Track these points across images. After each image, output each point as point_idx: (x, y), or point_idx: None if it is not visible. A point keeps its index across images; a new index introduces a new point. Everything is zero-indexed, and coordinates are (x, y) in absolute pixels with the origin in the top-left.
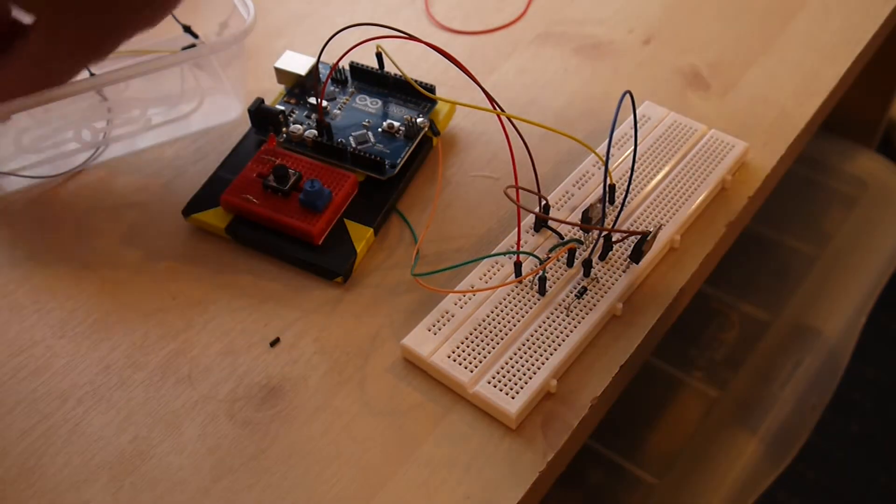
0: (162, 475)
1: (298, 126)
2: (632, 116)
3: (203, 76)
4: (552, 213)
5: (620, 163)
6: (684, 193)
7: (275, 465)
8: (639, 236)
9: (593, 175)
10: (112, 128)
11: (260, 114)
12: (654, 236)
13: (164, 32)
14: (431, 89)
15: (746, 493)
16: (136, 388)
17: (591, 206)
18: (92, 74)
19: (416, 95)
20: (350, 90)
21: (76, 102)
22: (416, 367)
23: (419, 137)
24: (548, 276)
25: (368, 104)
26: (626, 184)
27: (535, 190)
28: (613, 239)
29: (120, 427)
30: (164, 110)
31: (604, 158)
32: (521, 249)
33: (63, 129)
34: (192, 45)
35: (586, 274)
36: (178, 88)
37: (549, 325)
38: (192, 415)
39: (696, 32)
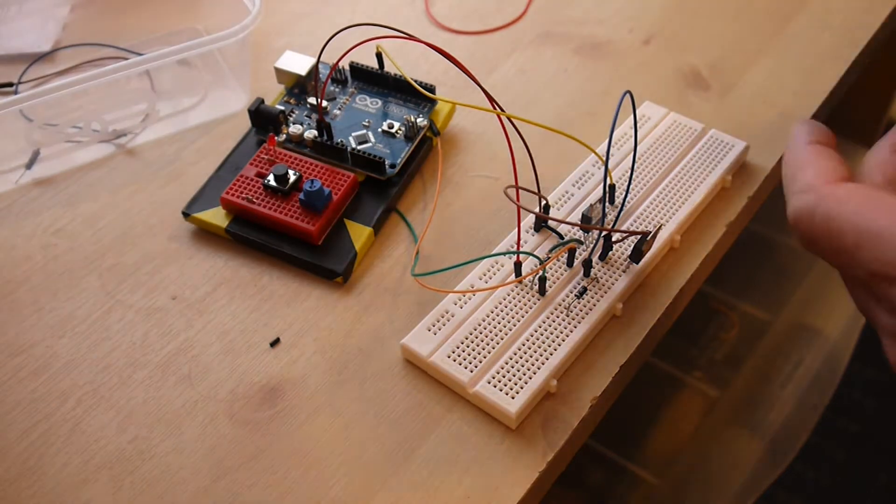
0: (162, 475)
1: (298, 126)
2: (632, 116)
3: (208, 68)
4: (552, 213)
5: (620, 163)
6: (684, 193)
7: (275, 465)
8: (639, 236)
9: (593, 175)
10: (119, 120)
11: (260, 114)
12: (654, 236)
13: (165, 27)
14: (431, 89)
15: (746, 493)
16: (136, 388)
17: (591, 206)
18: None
19: (416, 95)
20: (350, 90)
21: (85, 95)
22: (416, 367)
23: (419, 137)
24: (548, 276)
25: (368, 104)
26: (626, 184)
27: (535, 190)
28: (613, 239)
29: (120, 427)
30: (170, 102)
31: (604, 158)
32: (521, 249)
33: (72, 122)
34: None
35: (586, 274)
36: (184, 81)
37: (549, 325)
38: (192, 415)
39: (696, 32)
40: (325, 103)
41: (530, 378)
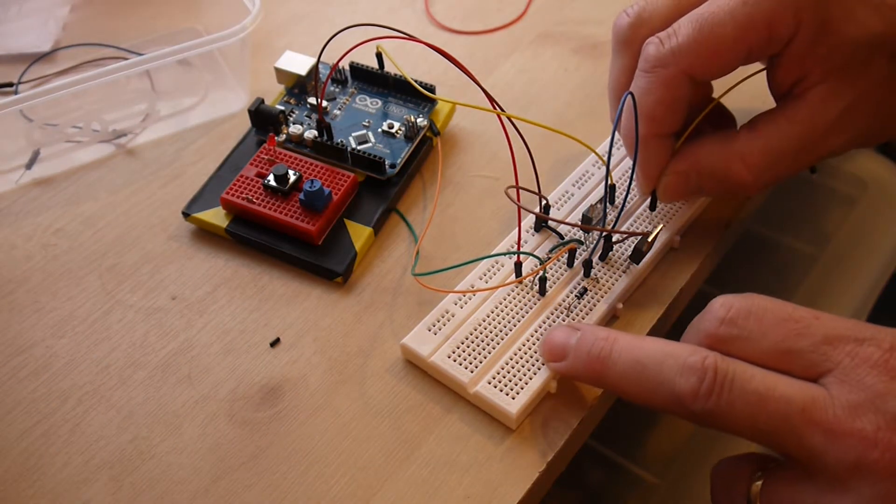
0: (162, 475)
1: (298, 126)
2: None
3: (208, 68)
4: (552, 213)
5: (621, 163)
6: None
7: (275, 465)
8: (639, 237)
9: (593, 175)
10: (119, 120)
11: (260, 114)
12: (655, 236)
13: (165, 27)
14: (431, 89)
15: None
16: (136, 388)
17: (592, 206)
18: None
19: (416, 95)
20: (350, 90)
21: (85, 95)
22: (416, 367)
23: (419, 137)
24: (548, 276)
25: (368, 104)
26: (627, 184)
27: (536, 190)
28: (614, 239)
29: (120, 427)
30: (170, 102)
31: (604, 158)
32: (522, 249)
33: (72, 122)
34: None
35: (586, 274)
36: (184, 81)
37: (550, 326)
38: (192, 415)
39: None
40: (325, 103)
41: (531, 378)
